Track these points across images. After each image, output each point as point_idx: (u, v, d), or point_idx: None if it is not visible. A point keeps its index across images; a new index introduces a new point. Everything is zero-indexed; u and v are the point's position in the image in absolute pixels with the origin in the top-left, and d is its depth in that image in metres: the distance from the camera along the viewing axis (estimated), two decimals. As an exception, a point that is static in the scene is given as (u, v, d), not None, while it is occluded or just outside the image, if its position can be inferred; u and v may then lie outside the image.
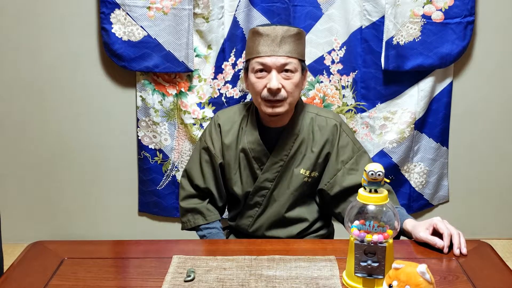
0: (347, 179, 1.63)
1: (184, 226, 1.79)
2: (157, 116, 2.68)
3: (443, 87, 2.70)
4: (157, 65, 2.57)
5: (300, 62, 1.62)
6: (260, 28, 1.59)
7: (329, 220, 1.80)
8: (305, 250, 1.45)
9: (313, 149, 1.66)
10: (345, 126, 1.70)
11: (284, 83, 1.58)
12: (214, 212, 1.76)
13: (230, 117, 1.73)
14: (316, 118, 1.69)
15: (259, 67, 1.58)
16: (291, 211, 1.70)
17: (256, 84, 1.59)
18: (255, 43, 1.59)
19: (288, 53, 1.57)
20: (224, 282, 1.28)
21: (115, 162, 2.81)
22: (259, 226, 1.72)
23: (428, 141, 2.76)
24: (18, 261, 1.40)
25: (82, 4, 2.60)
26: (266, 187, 1.68)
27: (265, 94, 1.58)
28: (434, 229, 1.45)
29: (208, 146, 1.72)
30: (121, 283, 1.31)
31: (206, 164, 1.73)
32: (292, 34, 1.59)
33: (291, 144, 1.66)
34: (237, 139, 1.70)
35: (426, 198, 2.84)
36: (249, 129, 1.69)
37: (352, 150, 1.67)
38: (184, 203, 1.78)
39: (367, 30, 2.58)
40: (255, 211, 1.72)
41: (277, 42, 1.57)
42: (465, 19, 2.55)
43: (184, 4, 2.51)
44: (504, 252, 2.78)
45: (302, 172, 1.67)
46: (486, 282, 1.29)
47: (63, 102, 2.73)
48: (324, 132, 1.66)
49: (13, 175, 2.83)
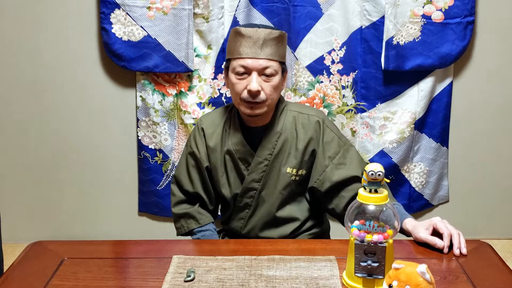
0: (336, 174, 1.63)
1: (179, 231, 1.79)
2: (157, 116, 2.68)
3: (443, 87, 2.70)
4: (157, 65, 2.57)
5: (280, 64, 1.63)
6: (243, 29, 1.59)
7: (321, 217, 1.80)
8: (305, 250, 1.45)
9: (298, 147, 1.66)
10: (328, 122, 1.70)
11: (264, 85, 1.59)
12: (206, 215, 1.76)
13: (213, 121, 1.74)
14: (298, 116, 1.69)
15: (240, 69, 1.59)
16: (282, 211, 1.70)
17: (237, 85, 1.60)
18: (236, 43, 1.60)
19: (269, 56, 1.58)
20: (224, 282, 1.28)
21: (115, 162, 2.81)
22: (251, 228, 1.72)
23: (428, 141, 2.76)
24: (18, 261, 1.40)
25: (82, 4, 2.60)
26: (254, 188, 1.69)
27: (245, 96, 1.59)
28: (434, 229, 1.46)
29: (193, 150, 1.74)
30: (121, 283, 1.31)
31: (193, 168, 1.75)
32: (274, 37, 1.59)
33: (274, 142, 1.67)
34: (221, 141, 1.71)
35: (426, 198, 2.84)
36: (233, 131, 1.70)
37: (338, 144, 1.67)
38: (176, 209, 1.78)
39: (367, 30, 2.58)
40: (246, 212, 1.72)
41: (259, 45, 1.58)
42: (465, 19, 2.56)
43: (184, 4, 2.51)
44: (504, 252, 2.78)
45: (288, 170, 1.67)
46: (486, 282, 1.29)
47: (63, 102, 2.73)
48: (308, 130, 1.67)
49: (13, 175, 2.83)
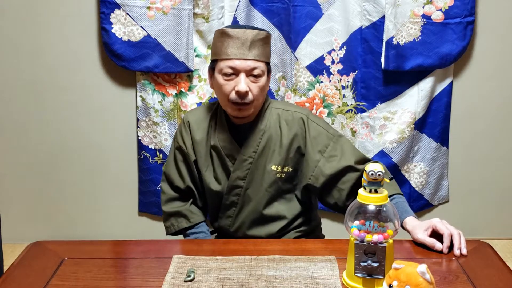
0: (329, 167, 1.62)
1: (168, 230, 1.78)
2: (157, 116, 2.68)
3: (443, 87, 2.70)
4: (157, 65, 2.57)
5: (266, 65, 1.63)
6: (230, 30, 1.59)
7: (310, 215, 1.79)
8: (305, 250, 1.45)
9: (282, 144, 1.66)
10: (313, 117, 1.69)
11: (252, 86, 1.59)
12: (197, 214, 1.75)
13: (199, 116, 1.74)
14: (282, 113, 1.69)
15: (227, 71, 1.59)
16: (269, 209, 1.70)
17: (225, 86, 1.60)
18: (223, 44, 1.59)
19: (257, 56, 1.58)
20: (224, 282, 1.28)
21: (115, 162, 2.81)
22: (239, 226, 1.72)
23: (428, 141, 2.76)
24: (18, 261, 1.41)
25: (82, 4, 2.60)
26: (239, 185, 1.68)
27: (233, 97, 1.59)
28: (433, 231, 1.45)
29: (180, 145, 1.73)
30: (121, 283, 1.31)
31: (182, 163, 1.74)
32: (261, 38, 1.59)
33: (258, 140, 1.66)
34: (207, 136, 1.71)
35: (426, 198, 2.84)
36: (220, 127, 1.69)
37: (327, 137, 1.66)
38: (167, 207, 1.76)
39: (367, 30, 2.58)
40: (233, 210, 1.71)
41: (246, 46, 1.57)
42: (465, 19, 2.56)
43: (184, 4, 2.51)
44: (504, 252, 2.78)
45: (273, 168, 1.66)
46: (486, 282, 1.29)
47: (63, 102, 2.73)
48: (292, 126, 1.67)
49: (13, 175, 2.83)
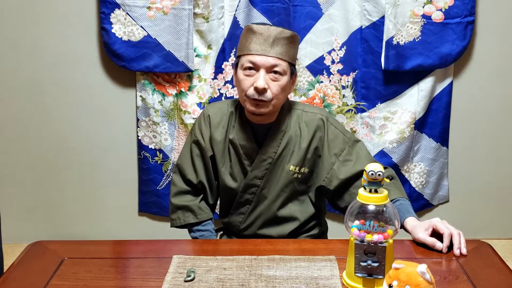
0: (344, 170, 1.62)
1: (173, 223, 1.76)
2: (157, 116, 2.68)
3: (443, 87, 2.70)
4: (157, 65, 2.57)
5: (290, 66, 1.61)
6: (255, 26, 1.59)
7: (322, 218, 1.80)
8: (305, 250, 1.45)
9: (301, 145, 1.66)
10: (332, 119, 1.70)
11: (271, 84, 1.57)
12: (206, 211, 1.74)
13: (219, 110, 1.73)
14: (302, 114, 1.69)
15: (248, 65, 1.57)
16: (283, 209, 1.70)
17: (244, 81, 1.59)
18: (247, 40, 1.59)
19: (279, 54, 1.57)
20: (224, 282, 1.28)
21: (115, 162, 2.81)
22: (250, 223, 1.72)
23: (428, 141, 2.76)
24: (18, 261, 1.40)
25: (82, 4, 2.60)
26: (256, 185, 1.68)
27: (251, 93, 1.57)
28: (434, 230, 1.45)
29: (198, 139, 1.72)
30: (121, 283, 1.31)
31: (197, 158, 1.72)
32: (285, 36, 1.58)
33: (279, 141, 1.66)
34: (226, 131, 1.70)
35: (426, 198, 2.84)
36: (240, 125, 1.68)
37: (343, 141, 1.66)
38: (176, 199, 1.75)
39: (367, 30, 2.58)
40: (247, 208, 1.71)
41: (269, 42, 1.56)
42: (465, 19, 2.55)
43: (184, 4, 2.51)
44: (504, 252, 2.78)
45: (291, 168, 1.66)
46: (486, 282, 1.29)
47: (63, 102, 2.73)
48: (311, 127, 1.66)
49: (13, 175, 2.82)
